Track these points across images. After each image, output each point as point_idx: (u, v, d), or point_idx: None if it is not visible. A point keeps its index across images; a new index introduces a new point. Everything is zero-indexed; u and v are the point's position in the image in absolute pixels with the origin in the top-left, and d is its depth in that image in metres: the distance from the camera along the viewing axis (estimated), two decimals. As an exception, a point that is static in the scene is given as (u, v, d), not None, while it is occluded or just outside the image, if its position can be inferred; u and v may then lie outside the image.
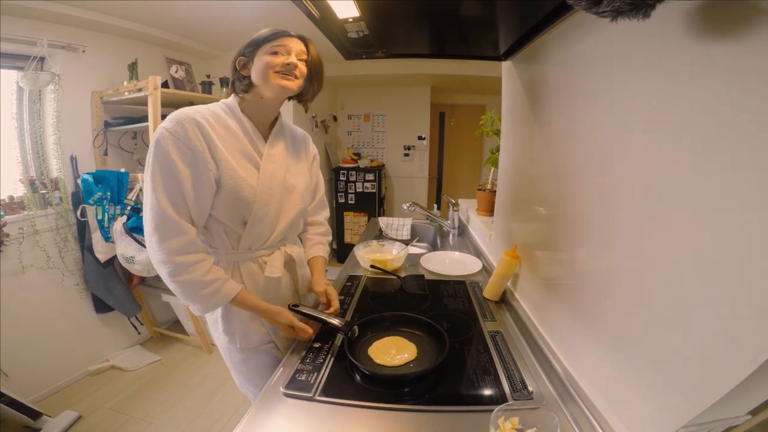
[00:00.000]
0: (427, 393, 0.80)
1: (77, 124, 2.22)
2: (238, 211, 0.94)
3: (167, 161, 0.84)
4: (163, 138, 0.84)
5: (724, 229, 0.45)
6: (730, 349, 0.44)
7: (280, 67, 0.91)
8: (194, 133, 0.86)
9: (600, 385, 0.71)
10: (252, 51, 0.93)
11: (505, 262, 1.18)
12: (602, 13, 0.45)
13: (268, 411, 0.75)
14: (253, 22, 2.45)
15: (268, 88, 0.92)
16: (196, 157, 0.86)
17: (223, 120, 0.93)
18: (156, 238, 0.85)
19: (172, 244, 0.85)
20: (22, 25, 1.90)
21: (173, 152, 0.84)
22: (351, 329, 0.94)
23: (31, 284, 2.00)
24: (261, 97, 0.95)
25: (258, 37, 0.93)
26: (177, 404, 2.02)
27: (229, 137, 0.93)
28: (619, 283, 0.66)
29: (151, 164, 0.85)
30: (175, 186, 0.85)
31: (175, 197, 0.85)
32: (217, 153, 0.89)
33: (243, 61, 0.95)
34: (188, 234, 0.87)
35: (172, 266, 0.85)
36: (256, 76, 0.92)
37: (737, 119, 0.43)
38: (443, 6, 0.87)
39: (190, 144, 0.85)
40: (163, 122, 0.86)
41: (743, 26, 0.42)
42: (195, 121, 0.87)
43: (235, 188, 0.91)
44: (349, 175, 4.14)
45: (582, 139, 0.80)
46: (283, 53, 0.92)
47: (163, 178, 0.85)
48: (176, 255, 0.85)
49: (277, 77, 0.91)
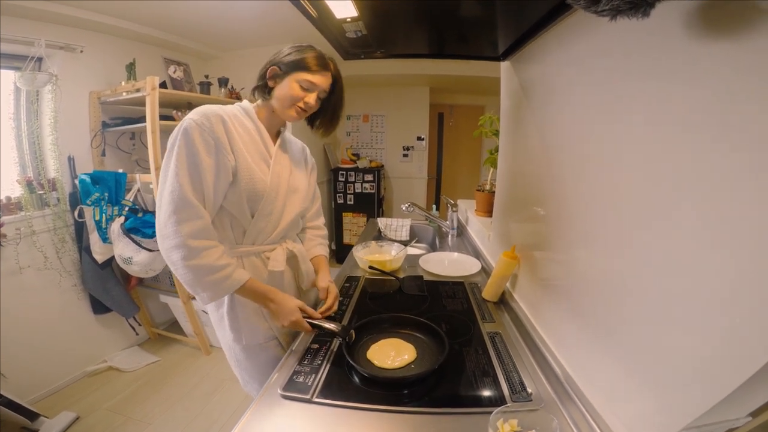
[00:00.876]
0: (425, 395, 0.79)
1: (75, 125, 2.22)
2: (249, 204, 0.98)
3: (192, 149, 0.88)
4: (190, 128, 0.88)
5: (724, 229, 0.44)
6: (732, 350, 0.43)
7: (302, 104, 0.97)
8: (218, 126, 0.92)
9: (599, 386, 0.70)
10: (288, 70, 0.96)
11: (503, 263, 1.18)
12: (601, 12, 0.45)
13: (265, 413, 0.74)
14: (252, 22, 2.45)
15: (281, 112, 1.00)
16: (219, 148, 0.91)
17: (241, 120, 0.99)
18: (174, 220, 0.87)
19: (190, 226, 0.87)
20: (19, 26, 1.89)
21: (198, 141, 0.88)
22: (348, 333, 0.93)
23: (29, 285, 1.99)
24: (273, 111, 1.02)
25: (299, 61, 0.95)
26: (175, 405, 2.01)
27: (246, 136, 0.99)
28: (618, 283, 0.66)
29: (176, 149, 0.88)
30: (197, 173, 0.89)
31: (195, 183, 0.89)
32: (235, 146, 0.94)
33: (275, 72, 0.98)
34: (205, 219, 0.90)
35: (186, 250, 0.87)
36: (278, 98, 0.98)
37: (738, 119, 0.43)
38: (442, 6, 0.87)
39: (214, 135, 0.91)
40: (190, 114, 0.91)
41: (743, 26, 0.42)
42: (220, 116, 0.93)
43: (250, 180, 0.96)
44: (348, 176, 4.14)
45: (581, 139, 0.80)
46: (311, 90, 0.97)
47: (187, 164, 0.88)
48: (192, 239, 0.87)
49: (293, 110, 0.98)
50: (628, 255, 0.63)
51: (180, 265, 0.88)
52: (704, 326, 0.47)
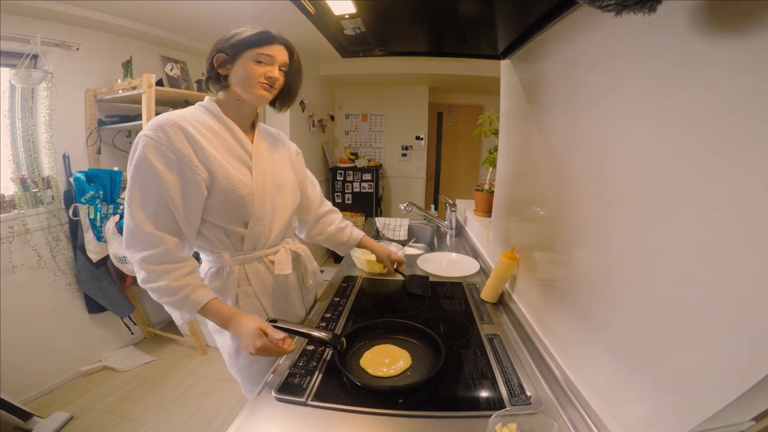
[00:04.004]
0: (423, 399, 0.78)
1: (70, 123, 2.19)
2: (237, 212, 0.93)
3: (149, 171, 0.82)
4: (144, 146, 0.81)
5: (729, 233, 0.43)
6: (738, 355, 0.42)
7: (264, 79, 0.89)
8: (178, 137, 0.83)
9: (599, 390, 0.69)
10: (235, 52, 0.88)
11: (503, 264, 1.17)
12: (606, 8, 0.44)
13: (259, 416, 0.73)
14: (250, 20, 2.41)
15: (247, 95, 0.91)
16: (182, 162, 0.83)
17: (206, 122, 0.90)
18: (129, 252, 0.86)
19: (146, 254, 0.84)
20: (15, 23, 1.87)
21: (156, 160, 0.81)
22: (339, 342, 0.88)
23: (22, 284, 1.97)
24: (238, 99, 0.93)
25: (243, 39, 0.88)
26: (170, 405, 1.99)
27: (216, 139, 0.90)
28: (619, 285, 0.65)
29: (131, 174, 0.83)
30: (157, 196, 0.83)
31: (153, 208, 0.83)
32: (205, 156, 0.86)
33: (222, 59, 0.90)
34: (164, 245, 0.85)
35: (144, 273, 0.85)
36: (237, 82, 0.90)
37: (745, 120, 0.42)
38: (441, 3, 0.86)
39: (174, 149, 0.83)
40: (144, 129, 0.83)
41: (751, 24, 0.41)
42: (178, 125, 0.84)
43: (232, 188, 0.90)
44: (347, 175, 4.13)
45: (582, 138, 0.79)
46: (267, 63, 0.90)
47: (141, 190, 0.83)
48: (149, 264, 0.85)
49: (258, 87, 0.89)
50: (630, 257, 0.62)
51: (143, 286, 0.87)
52: (710, 329, 0.46)
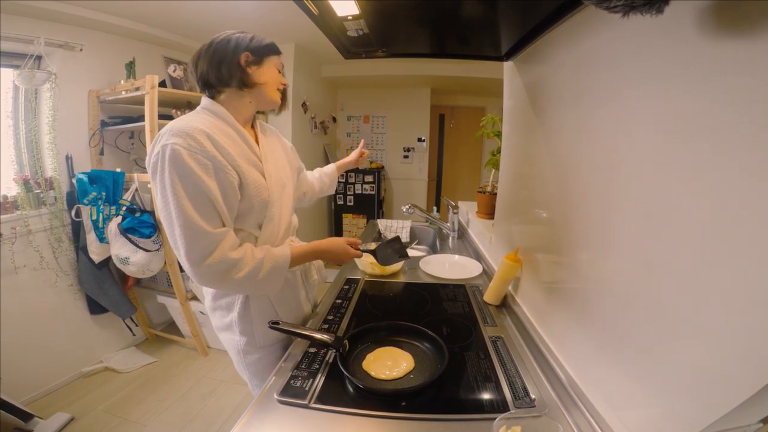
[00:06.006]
0: (426, 401, 0.78)
1: (73, 124, 2.20)
2: (256, 215, 0.95)
3: (188, 173, 0.79)
4: (178, 154, 0.78)
5: (736, 234, 0.43)
6: (746, 356, 0.42)
7: (280, 86, 0.99)
8: (207, 143, 0.82)
9: (604, 392, 0.69)
10: (261, 55, 0.93)
11: (506, 266, 1.16)
12: (613, 9, 0.43)
13: (261, 419, 0.73)
14: (254, 21, 2.44)
15: (267, 99, 0.96)
16: (218, 168, 0.83)
17: (220, 127, 0.90)
18: (197, 261, 0.82)
19: (221, 249, 0.84)
20: (18, 24, 1.88)
21: (193, 165, 0.79)
22: (341, 344, 0.89)
23: (24, 285, 1.97)
24: (250, 102, 0.96)
25: (268, 46, 0.95)
26: (172, 407, 1.99)
27: (232, 144, 0.89)
28: (625, 288, 0.64)
29: (167, 181, 0.78)
30: (206, 200, 0.82)
31: (204, 209, 0.82)
32: (234, 161, 0.87)
33: (250, 59, 0.91)
34: (228, 233, 0.86)
35: (225, 266, 0.85)
36: (266, 83, 0.94)
37: (753, 122, 0.41)
38: (444, 4, 0.86)
39: (208, 155, 0.81)
40: (168, 138, 0.79)
41: (759, 26, 0.40)
42: (204, 131, 0.82)
43: (256, 192, 0.92)
44: (348, 177, 4.13)
45: (586, 140, 0.78)
46: (281, 71, 1.00)
47: (191, 197, 0.79)
48: (225, 253, 0.85)
49: (277, 92, 0.98)
50: (635, 259, 0.61)
51: (232, 287, 0.90)
52: (719, 331, 0.45)
